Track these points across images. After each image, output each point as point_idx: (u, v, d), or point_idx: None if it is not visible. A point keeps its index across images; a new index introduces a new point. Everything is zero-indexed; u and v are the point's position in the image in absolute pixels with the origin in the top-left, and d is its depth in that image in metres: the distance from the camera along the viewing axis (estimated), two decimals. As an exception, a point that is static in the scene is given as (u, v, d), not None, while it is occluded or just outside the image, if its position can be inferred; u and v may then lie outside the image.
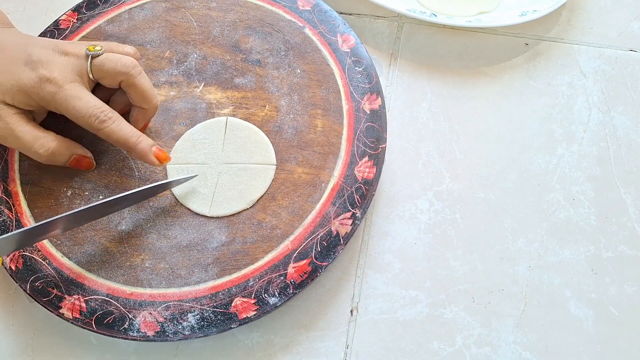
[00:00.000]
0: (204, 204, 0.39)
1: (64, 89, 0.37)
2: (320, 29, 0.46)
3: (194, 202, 0.40)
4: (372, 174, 0.40)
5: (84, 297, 0.37)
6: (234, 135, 0.42)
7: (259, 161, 0.41)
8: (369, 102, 0.43)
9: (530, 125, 0.45)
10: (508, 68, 0.48)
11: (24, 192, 0.41)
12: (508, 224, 0.42)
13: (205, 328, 0.36)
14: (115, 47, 0.40)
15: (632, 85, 0.47)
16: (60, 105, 0.37)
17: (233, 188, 0.40)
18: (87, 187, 0.41)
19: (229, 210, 0.39)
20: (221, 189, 0.40)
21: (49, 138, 0.38)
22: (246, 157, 0.41)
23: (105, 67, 0.38)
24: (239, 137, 0.42)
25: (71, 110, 0.37)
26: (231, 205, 0.39)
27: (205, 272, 0.37)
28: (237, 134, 0.42)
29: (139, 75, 0.39)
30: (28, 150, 0.38)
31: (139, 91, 0.39)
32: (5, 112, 0.37)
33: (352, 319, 0.39)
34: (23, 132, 0.37)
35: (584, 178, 0.43)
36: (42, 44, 0.39)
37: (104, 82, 0.39)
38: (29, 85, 0.37)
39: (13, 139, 0.37)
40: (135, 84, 0.39)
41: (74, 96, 0.37)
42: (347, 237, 0.38)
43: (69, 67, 0.38)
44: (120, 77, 0.39)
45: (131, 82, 0.39)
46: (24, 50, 0.38)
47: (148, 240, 0.39)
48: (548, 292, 0.39)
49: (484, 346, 0.38)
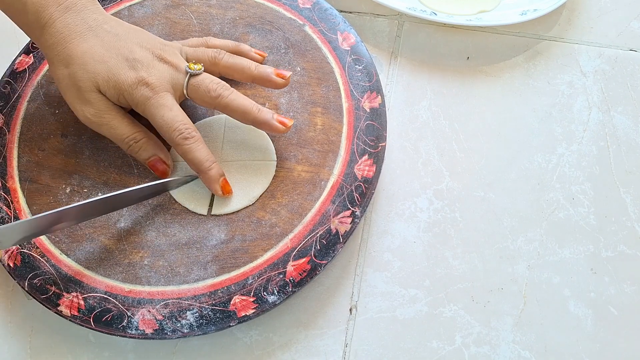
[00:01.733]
0: (203, 203, 0.39)
1: (158, 95, 0.37)
2: (321, 27, 0.46)
3: (191, 202, 0.40)
4: (372, 173, 0.40)
5: (82, 295, 0.37)
6: (233, 134, 0.42)
7: (259, 158, 0.41)
8: (369, 100, 0.43)
9: (530, 125, 0.45)
10: (508, 67, 0.48)
11: (23, 189, 0.41)
12: (507, 223, 0.42)
13: (204, 326, 0.36)
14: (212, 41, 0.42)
15: (632, 85, 0.47)
16: (149, 110, 0.38)
17: (234, 185, 0.40)
18: (86, 184, 0.41)
19: (232, 208, 0.39)
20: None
21: (142, 133, 0.39)
22: (246, 154, 0.41)
23: (201, 89, 0.39)
24: (238, 135, 0.42)
25: (158, 118, 0.38)
26: (234, 202, 0.39)
27: (204, 269, 0.37)
28: (236, 132, 0.42)
29: (228, 98, 0.39)
30: (119, 140, 0.39)
31: (232, 111, 0.39)
32: (103, 102, 0.38)
33: (351, 318, 0.39)
34: (119, 123, 0.38)
35: (584, 177, 0.43)
36: (140, 41, 0.39)
37: (195, 101, 0.40)
38: (126, 84, 0.37)
39: (108, 128, 0.38)
40: (227, 105, 0.39)
41: (165, 106, 0.37)
42: (347, 236, 0.38)
43: (166, 76, 0.38)
44: (212, 101, 0.39)
45: (223, 105, 0.39)
46: (124, 44, 0.38)
47: (147, 237, 0.39)
48: (547, 291, 0.39)
49: (483, 345, 0.38)
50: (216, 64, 0.41)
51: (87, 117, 0.38)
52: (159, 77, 0.38)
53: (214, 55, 0.41)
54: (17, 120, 0.43)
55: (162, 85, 0.38)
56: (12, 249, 0.39)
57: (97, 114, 0.38)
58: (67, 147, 0.42)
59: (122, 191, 0.37)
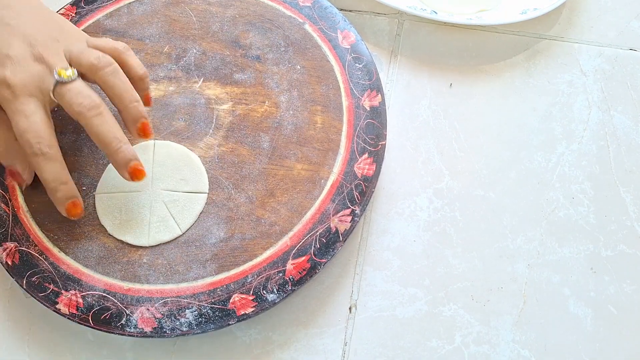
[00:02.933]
0: (142, 233, 0.38)
1: (18, 101, 0.34)
2: (321, 25, 0.46)
3: (127, 234, 0.38)
4: (372, 171, 0.40)
5: (80, 293, 0.37)
6: (162, 162, 0.41)
7: (192, 189, 0.40)
8: (369, 98, 0.43)
9: (530, 124, 0.45)
10: (508, 66, 0.48)
11: (21, 186, 0.41)
12: (507, 222, 0.41)
13: (203, 324, 0.35)
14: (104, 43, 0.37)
15: (632, 84, 0.47)
16: (9, 115, 0.35)
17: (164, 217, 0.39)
18: (85, 181, 0.41)
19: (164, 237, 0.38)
20: (156, 217, 0.39)
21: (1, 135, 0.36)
22: (179, 184, 0.40)
23: (65, 99, 0.35)
24: (168, 163, 0.41)
25: (14, 126, 0.34)
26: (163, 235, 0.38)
27: (204, 268, 0.37)
28: (166, 161, 0.41)
29: (94, 117, 0.34)
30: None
31: (92, 135, 0.35)
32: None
33: (351, 316, 0.39)
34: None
35: (584, 176, 0.43)
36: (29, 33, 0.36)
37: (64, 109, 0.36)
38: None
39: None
40: (87, 126, 0.35)
41: (22, 112, 0.34)
42: (346, 234, 0.38)
43: (35, 78, 0.35)
44: (74, 116, 0.35)
45: (84, 124, 0.35)
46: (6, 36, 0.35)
47: (146, 235, 0.38)
48: (547, 290, 0.39)
49: (482, 344, 0.37)
50: (94, 73, 0.35)
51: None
52: (24, 79, 0.34)
53: (93, 63, 0.35)
54: (15, 118, 0.43)
55: (26, 88, 0.34)
56: (10, 247, 0.38)
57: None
58: (66, 144, 0.42)
59: None
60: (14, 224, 0.39)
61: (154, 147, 0.41)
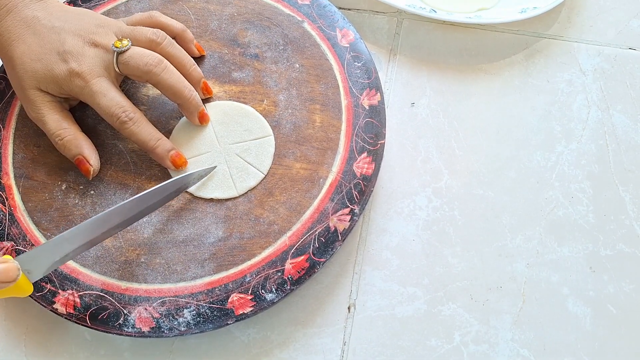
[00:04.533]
0: (229, 186, 0.39)
1: (90, 84, 0.38)
2: (319, 24, 0.46)
3: (215, 191, 0.39)
4: (371, 170, 0.40)
5: (78, 292, 0.37)
6: (222, 118, 0.42)
7: (258, 135, 0.41)
8: (368, 97, 0.42)
9: (529, 123, 0.45)
10: (507, 65, 0.48)
11: (18, 185, 0.40)
12: (506, 221, 0.41)
13: (201, 324, 0.35)
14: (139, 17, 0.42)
15: (631, 84, 0.47)
16: (87, 100, 0.38)
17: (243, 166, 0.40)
18: (82, 180, 0.40)
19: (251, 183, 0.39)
20: (235, 169, 0.40)
21: (68, 131, 0.39)
22: (245, 134, 0.41)
23: (130, 65, 0.38)
24: (227, 118, 0.42)
25: (96, 106, 0.38)
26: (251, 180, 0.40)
27: (202, 267, 0.37)
28: (224, 116, 0.42)
29: (163, 72, 0.38)
30: (50, 136, 0.39)
31: (165, 88, 0.39)
32: (40, 98, 0.39)
33: (350, 316, 0.39)
34: (49, 120, 0.39)
35: (583, 176, 0.43)
36: (76, 28, 0.39)
37: (132, 77, 0.40)
38: (60, 77, 0.38)
39: (42, 124, 0.39)
40: (160, 82, 0.39)
41: (99, 92, 0.38)
42: (345, 234, 0.38)
43: (97, 60, 0.38)
44: (144, 76, 0.39)
45: (155, 81, 0.39)
46: (57, 37, 0.38)
47: (143, 235, 0.38)
48: (546, 289, 0.39)
49: (481, 343, 0.37)
50: (153, 48, 0.40)
51: (30, 114, 0.40)
52: (89, 64, 0.38)
53: (151, 38, 0.40)
54: (12, 117, 0.43)
55: (94, 71, 0.38)
56: (7, 246, 0.38)
57: (35, 110, 0.39)
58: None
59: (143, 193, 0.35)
60: (11, 223, 0.39)
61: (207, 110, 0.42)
